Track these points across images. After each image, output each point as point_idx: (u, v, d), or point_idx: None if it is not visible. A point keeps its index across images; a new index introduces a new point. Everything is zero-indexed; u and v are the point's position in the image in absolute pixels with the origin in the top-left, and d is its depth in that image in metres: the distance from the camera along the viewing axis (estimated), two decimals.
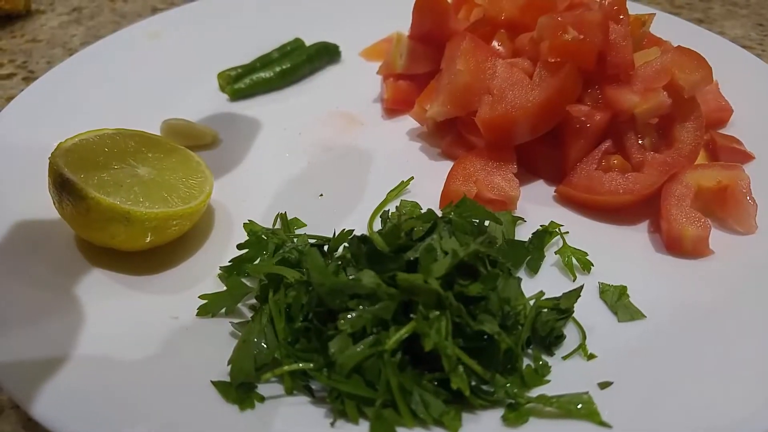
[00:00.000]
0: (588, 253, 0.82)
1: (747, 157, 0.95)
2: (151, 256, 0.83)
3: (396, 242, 0.71)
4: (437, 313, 0.65)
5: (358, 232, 0.78)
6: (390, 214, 0.86)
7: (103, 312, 0.76)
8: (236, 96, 1.11)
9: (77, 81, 1.08)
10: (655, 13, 0.98)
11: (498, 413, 0.65)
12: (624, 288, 0.79)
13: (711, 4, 1.42)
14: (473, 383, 0.66)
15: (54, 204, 0.81)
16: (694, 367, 0.70)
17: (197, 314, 0.75)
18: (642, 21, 0.95)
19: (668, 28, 1.09)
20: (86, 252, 0.83)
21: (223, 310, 0.76)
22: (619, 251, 0.85)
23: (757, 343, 0.72)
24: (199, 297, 0.76)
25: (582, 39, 0.86)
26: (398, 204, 0.90)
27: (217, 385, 0.67)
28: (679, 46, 0.91)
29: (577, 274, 0.82)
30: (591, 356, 0.72)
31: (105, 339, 0.73)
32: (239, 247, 0.79)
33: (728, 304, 0.77)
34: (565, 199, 0.92)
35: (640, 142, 0.90)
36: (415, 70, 1.05)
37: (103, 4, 1.46)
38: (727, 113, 1.01)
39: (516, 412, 0.64)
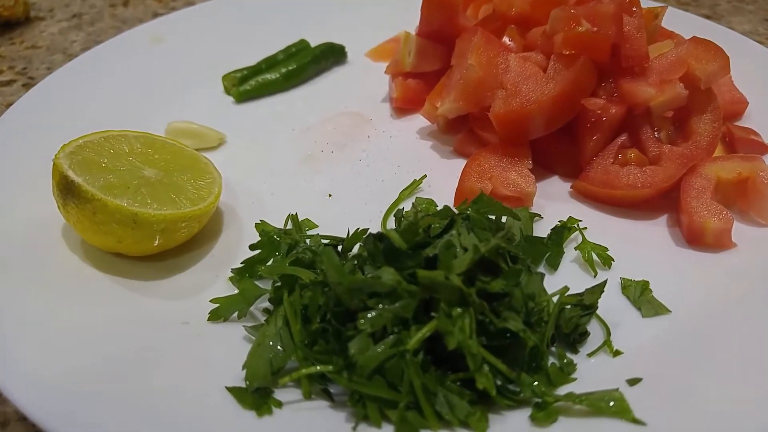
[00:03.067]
0: (608, 248, 0.80)
1: (765, 148, 0.93)
2: (159, 260, 0.81)
3: (414, 239, 0.69)
4: (460, 310, 0.62)
5: (369, 230, 0.76)
6: (405, 212, 0.84)
7: (112, 319, 0.74)
8: (242, 98, 1.09)
9: (79, 85, 1.06)
10: (667, 6, 0.97)
11: (525, 413, 0.63)
12: (646, 283, 0.77)
13: (718, 0, 1.41)
14: (498, 383, 0.63)
15: (59, 208, 0.79)
16: (724, 361, 0.68)
17: (209, 319, 0.73)
18: (655, 13, 0.94)
19: (678, 23, 1.08)
20: (93, 258, 0.80)
21: (236, 314, 0.73)
22: (639, 246, 0.83)
23: None
24: (210, 301, 0.74)
25: (596, 31, 0.85)
26: (413, 202, 0.88)
27: (233, 391, 0.65)
28: (694, 37, 0.89)
29: (597, 270, 0.79)
30: (617, 353, 0.70)
31: (115, 347, 0.70)
32: (251, 247, 0.77)
33: (754, 297, 0.75)
34: (582, 195, 0.90)
35: (656, 135, 0.88)
36: (424, 68, 1.03)
37: (103, 9, 1.44)
38: (742, 105, 0.99)
39: (544, 411, 0.62)
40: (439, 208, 0.83)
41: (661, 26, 0.99)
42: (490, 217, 0.76)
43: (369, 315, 0.63)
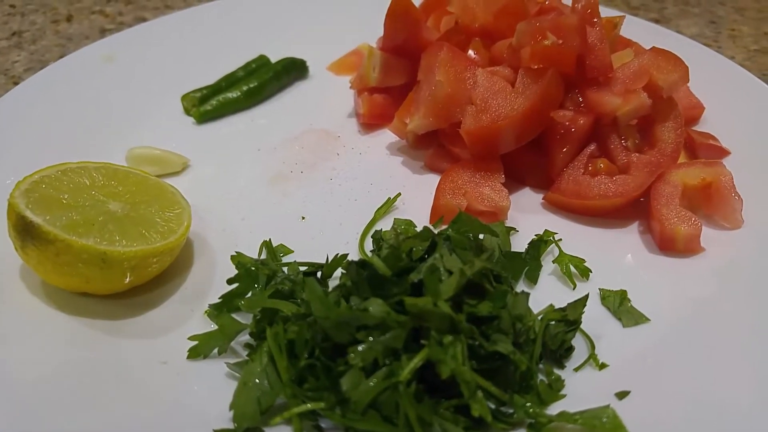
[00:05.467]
0: (585, 260, 0.81)
1: (723, 152, 0.96)
2: (129, 296, 0.77)
3: (397, 264, 0.68)
4: (451, 338, 0.62)
5: (348, 254, 0.75)
6: (383, 233, 0.83)
7: (83, 363, 0.70)
8: (203, 118, 1.06)
9: (28, 112, 1.00)
10: (624, 15, 0.99)
11: None
12: (624, 292, 0.78)
13: (664, 4, 1.46)
14: (492, 406, 0.63)
15: (16, 249, 0.74)
16: (707, 366, 0.70)
17: (188, 357, 0.70)
18: (614, 23, 0.96)
19: (630, 29, 1.10)
20: (57, 299, 0.76)
21: (216, 350, 0.71)
22: (613, 254, 0.85)
23: (761, 333, 0.73)
24: (188, 338, 0.71)
25: (562, 44, 0.86)
26: (389, 222, 0.87)
27: None
28: (654, 47, 0.91)
29: (576, 282, 0.80)
30: (603, 366, 0.71)
31: (88, 393, 0.67)
32: (229, 281, 0.74)
33: (726, 299, 0.78)
34: (554, 206, 0.91)
35: (624, 143, 0.90)
36: (389, 83, 1.03)
37: (45, 26, 1.37)
38: (699, 110, 1.03)
39: None
40: (418, 229, 0.83)
41: (620, 35, 1.01)
42: (469, 235, 0.76)
43: (359, 348, 0.61)
